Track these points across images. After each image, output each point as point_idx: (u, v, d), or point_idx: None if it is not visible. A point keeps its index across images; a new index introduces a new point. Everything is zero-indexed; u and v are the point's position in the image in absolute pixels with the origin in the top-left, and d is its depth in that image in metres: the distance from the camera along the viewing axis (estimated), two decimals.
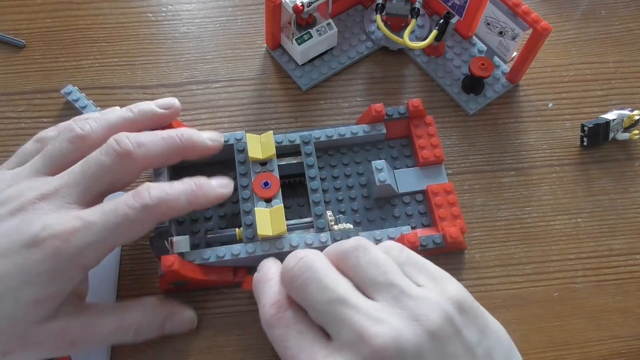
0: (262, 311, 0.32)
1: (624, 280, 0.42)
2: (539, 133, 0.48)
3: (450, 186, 0.43)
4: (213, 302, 0.41)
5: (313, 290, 0.30)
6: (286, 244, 0.39)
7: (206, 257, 0.38)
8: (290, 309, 0.31)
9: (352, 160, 0.45)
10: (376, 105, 0.44)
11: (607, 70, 0.51)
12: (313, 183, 0.41)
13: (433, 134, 0.45)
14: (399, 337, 0.27)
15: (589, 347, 0.40)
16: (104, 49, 0.51)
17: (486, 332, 0.30)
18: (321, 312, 0.29)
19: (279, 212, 0.39)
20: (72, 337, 0.33)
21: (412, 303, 0.29)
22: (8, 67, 0.50)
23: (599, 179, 0.46)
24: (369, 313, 0.28)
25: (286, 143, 0.43)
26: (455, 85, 0.49)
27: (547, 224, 0.44)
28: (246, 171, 0.41)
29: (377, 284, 0.30)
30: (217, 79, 0.50)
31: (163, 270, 0.36)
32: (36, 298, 0.31)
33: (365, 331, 0.28)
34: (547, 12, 0.54)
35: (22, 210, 0.32)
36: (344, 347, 0.28)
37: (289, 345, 0.30)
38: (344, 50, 0.50)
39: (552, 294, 0.42)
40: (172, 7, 0.53)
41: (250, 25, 0.53)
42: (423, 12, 0.51)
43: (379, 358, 0.27)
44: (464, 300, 0.30)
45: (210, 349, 0.39)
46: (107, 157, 0.34)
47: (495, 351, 0.29)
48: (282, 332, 0.30)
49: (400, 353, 0.27)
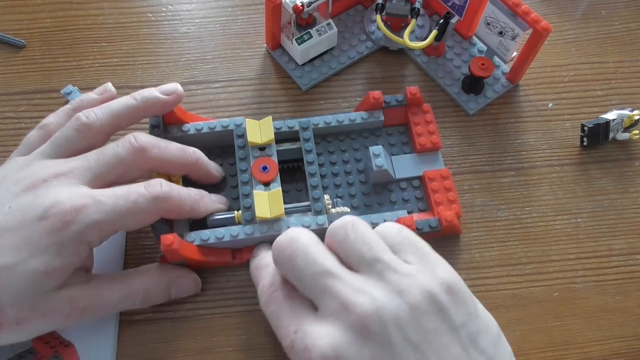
0: (260, 292, 0.34)
1: (624, 280, 0.42)
2: (539, 133, 0.48)
3: (447, 172, 0.43)
4: (213, 302, 0.41)
5: (300, 262, 0.31)
6: (284, 226, 0.39)
7: (205, 238, 0.39)
8: (283, 287, 0.33)
9: (350, 147, 0.46)
10: (374, 93, 0.45)
11: (607, 70, 0.51)
12: (311, 167, 0.42)
13: (430, 121, 0.45)
14: (380, 307, 0.28)
15: (589, 347, 0.40)
16: (104, 49, 0.51)
17: (473, 317, 0.30)
18: (308, 284, 0.31)
19: (277, 195, 0.40)
20: (82, 305, 0.35)
21: (395, 277, 0.30)
22: (8, 67, 0.50)
23: (599, 179, 0.46)
24: (352, 284, 0.30)
25: (285, 129, 0.44)
26: (455, 85, 0.49)
27: (547, 224, 0.44)
28: (245, 155, 0.42)
29: (363, 259, 0.31)
30: (217, 79, 0.50)
31: (162, 249, 0.37)
32: (45, 270, 0.33)
33: (349, 301, 0.29)
34: (547, 12, 0.54)
35: (35, 187, 0.34)
36: (329, 316, 0.29)
37: (281, 319, 0.31)
38: (344, 50, 0.50)
39: (552, 294, 0.42)
40: (172, 7, 0.53)
41: (250, 25, 0.53)
42: (423, 12, 0.51)
43: (362, 326, 0.28)
44: (454, 284, 0.30)
45: (210, 349, 0.39)
46: (123, 148, 0.37)
47: (481, 336, 0.29)
48: (275, 308, 0.32)
49: (381, 323, 0.28)
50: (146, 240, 0.43)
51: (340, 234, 0.32)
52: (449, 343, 0.28)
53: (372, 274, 0.30)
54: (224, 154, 0.45)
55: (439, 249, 0.43)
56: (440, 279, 0.30)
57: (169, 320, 0.40)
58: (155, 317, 0.40)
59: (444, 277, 0.30)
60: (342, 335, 0.28)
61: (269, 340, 0.40)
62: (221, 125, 0.43)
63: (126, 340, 0.39)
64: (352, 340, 0.28)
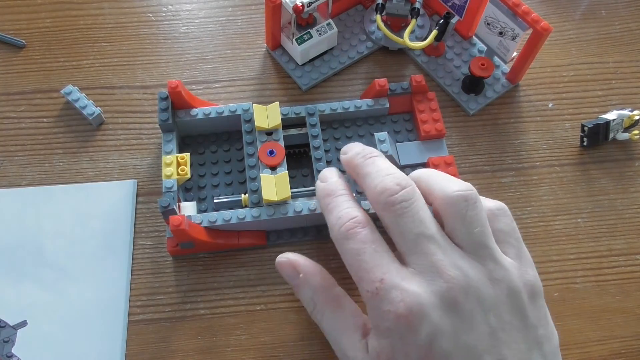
0: (337, 223, 0.33)
1: (624, 280, 0.42)
2: (539, 133, 0.48)
3: (451, 158, 0.44)
4: (213, 302, 0.41)
5: (407, 219, 0.31)
6: (290, 209, 0.40)
7: (212, 219, 0.40)
8: (367, 227, 0.32)
9: (355, 134, 0.46)
10: (380, 80, 0.45)
11: (607, 70, 0.51)
12: (317, 152, 0.43)
13: (435, 108, 0.46)
14: (473, 287, 0.30)
15: (589, 347, 0.40)
16: (104, 49, 0.51)
17: (543, 323, 0.31)
18: (408, 241, 0.31)
19: (284, 178, 0.40)
20: None
21: (493, 266, 0.31)
22: (8, 67, 0.50)
23: (599, 179, 0.46)
24: (452, 257, 0.30)
25: (292, 115, 0.44)
26: (455, 85, 0.49)
27: (547, 224, 0.44)
28: (252, 140, 0.43)
29: (471, 239, 0.31)
30: (217, 79, 0.50)
31: (171, 229, 0.37)
32: None
33: (445, 271, 0.30)
34: (547, 12, 0.54)
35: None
36: (421, 277, 0.30)
37: (364, 259, 0.31)
38: (344, 50, 0.50)
39: (552, 294, 0.42)
40: (172, 7, 0.53)
41: (250, 25, 0.53)
42: (423, 12, 0.51)
43: (450, 297, 0.29)
44: (537, 289, 0.32)
45: (210, 349, 0.39)
46: None
47: (546, 342, 0.31)
48: (357, 246, 0.31)
49: (469, 300, 0.29)
50: (146, 240, 0.43)
51: (460, 206, 0.31)
52: (518, 339, 0.30)
53: (474, 255, 0.31)
54: (231, 138, 0.46)
55: None
56: (527, 280, 0.32)
57: (169, 320, 0.40)
58: (155, 317, 0.40)
59: (531, 280, 0.32)
60: (429, 297, 0.29)
61: (269, 340, 0.40)
62: (229, 110, 0.44)
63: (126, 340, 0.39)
64: (438, 305, 0.29)
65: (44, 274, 0.41)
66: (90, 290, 0.41)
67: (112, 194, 0.44)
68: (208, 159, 0.45)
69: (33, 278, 0.41)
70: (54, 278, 0.41)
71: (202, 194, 0.43)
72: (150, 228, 0.43)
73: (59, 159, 0.46)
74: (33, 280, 0.41)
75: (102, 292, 0.40)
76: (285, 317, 0.40)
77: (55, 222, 0.43)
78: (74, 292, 0.40)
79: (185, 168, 0.41)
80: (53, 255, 0.42)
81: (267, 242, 0.42)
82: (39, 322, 0.39)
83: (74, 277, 0.41)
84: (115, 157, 0.46)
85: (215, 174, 0.44)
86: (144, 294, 0.41)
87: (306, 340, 0.40)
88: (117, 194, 0.44)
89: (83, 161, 0.46)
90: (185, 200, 0.42)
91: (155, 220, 0.43)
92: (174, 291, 0.41)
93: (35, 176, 0.45)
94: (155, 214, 0.43)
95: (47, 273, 0.41)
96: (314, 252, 0.42)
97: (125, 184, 0.44)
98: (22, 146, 0.46)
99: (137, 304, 0.40)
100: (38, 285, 0.41)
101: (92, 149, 0.46)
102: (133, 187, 0.44)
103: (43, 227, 0.43)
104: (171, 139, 0.42)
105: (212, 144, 0.45)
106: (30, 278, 0.41)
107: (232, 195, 0.42)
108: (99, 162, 0.46)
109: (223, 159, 0.45)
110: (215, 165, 0.45)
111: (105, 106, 0.48)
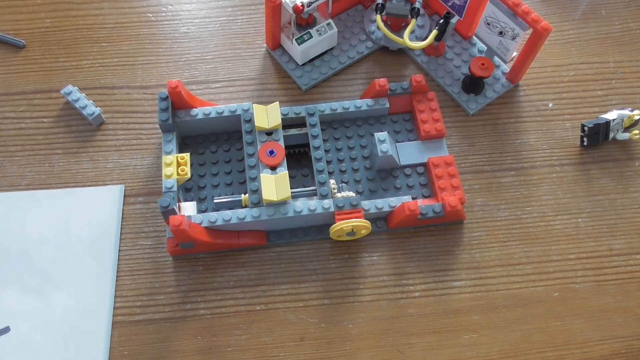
0: None
1: (624, 280, 0.42)
2: (539, 133, 0.48)
3: (451, 158, 0.44)
4: (213, 302, 0.41)
5: None
6: (290, 209, 0.40)
7: (213, 220, 0.40)
8: None
9: (355, 134, 0.46)
10: (380, 80, 0.45)
11: (607, 70, 0.51)
12: (317, 152, 0.42)
13: (435, 108, 0.46)
14: None
15: (589, 347, 0.40)
16: (104, 49, 0.51)
17: None
18: None
19: (284, 178, 0.40)
20: None
21: None
22: (8, 67, 0.50)
23: (599, 179, 0.46)
24: None
25: (292, 115, 0.44)
26: (455, 85, 0.49)
27: (547, 224, 0.44)
28: (252, 140, 0.43)
29: None
30: (217, 79, 0.50)
31: (171, 229, 0.37)
32: None
33: None
34: (547, 12, 0.54)
35: None
36: None
37: None
38: (344, 50, 0.50)
39: (552, 294, 0.42)
40: (172, 7, 0.53)
41: (250, 25, 0.53)
42: (423, 12, 0.51)
43: None
44: None
45: (210, 349, 0.39)
46: None
47: None
48: None
49: None
50: (146, 240, 0.43)
51: None
52: None
53: None
54: (232, 138, 0.46)
55: (440, 248, 0.43)
56: None
57: (169, 320, 0.40)
58: (155, 317, 0.40)
59: None
60: None
61: (269, 340, 0.40)
62: (229, 110, 0.44)
63: (126, 340, 0.39)
64: None
65: (28, 280, 0.41)
66: (74, 296, 0.40)
67: (99, 200, 0.44)
68: (208, 159, 0.45)
69: (17, 283, 0.40)
70: (38, 284, 0.41)
71: (202, 194, 0.43)
72: (150, 228, 0.43)
73: (59, 159, 0.46)
74: (17, 286, 0.40)
75: (86, 297, 0.40)
76: (285, 317, 0.40)
77: (40, 227, 0.42)
78: (58, 298, 0.40)
79: (185, 168, 0.41)
80: (37, 260, 0.41)
81: (267, 242, 0.42)
82: (22, 328, 0.39)
83: (58, 283, 0.41)
84: (115, 157, 0.46)
85: (215, 174, 0.44)
86: (144, 294, 0.41)
87: (306, 340, 0.40)
88: (104, 199, 0.44)
89: (83, 161, 0.46)
90: (185, 200, 0.42)
91: (155, 220, 0.43)
92: (174, 291, 0.41)
93: (35, 176, 0.45)
94: (155, 214, 0.43)
95: (31, 279, 0.41)
96: (313, 252, 0.42)
97: (111, 189, 0.44)
98: (22, 146, 0.46)
99: (137, 304, 0.40)
100: (22, 291, 0.40)
101: (92, 149, 0.46)
102: (120, 192, 0.44)
103: (28, 232, 0.42)
104: (171, 139, 0.42)
105: (212, 144, 0.45)
106: (14, 283, 0.40)
107: (232, 195, 0.42)
108: (99, 162, 0.46)
109: (223, 159, 0.45)
110: (215, 166, 0.45)
111: (105, 106, 0.48)
